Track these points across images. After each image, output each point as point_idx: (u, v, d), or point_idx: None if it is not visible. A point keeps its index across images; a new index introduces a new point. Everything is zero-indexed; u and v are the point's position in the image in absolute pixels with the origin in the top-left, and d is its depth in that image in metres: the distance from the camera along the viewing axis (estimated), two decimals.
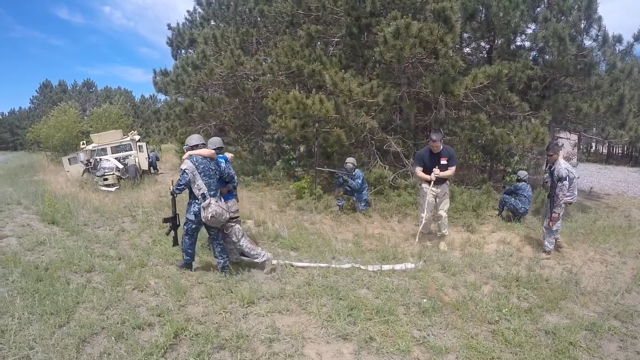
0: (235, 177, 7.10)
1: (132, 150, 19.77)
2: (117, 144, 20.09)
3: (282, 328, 4.74)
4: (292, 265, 6.78)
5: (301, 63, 12.84)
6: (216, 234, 6.44)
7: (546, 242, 7.85)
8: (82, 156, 19.05)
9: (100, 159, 18.37)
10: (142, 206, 11.86)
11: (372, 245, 8.24)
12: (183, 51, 23.09)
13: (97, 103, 56.07)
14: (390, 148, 12.62)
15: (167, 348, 4.29)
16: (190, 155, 6.27)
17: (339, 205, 11.37)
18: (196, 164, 6.16)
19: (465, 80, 11.57)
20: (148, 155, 21.08)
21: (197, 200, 6.24)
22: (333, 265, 6.74)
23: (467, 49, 16.46)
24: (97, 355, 4.21)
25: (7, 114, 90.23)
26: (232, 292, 5.66)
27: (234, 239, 6.68)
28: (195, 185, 6.14)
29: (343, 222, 10.18)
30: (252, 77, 16.87)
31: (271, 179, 15.83)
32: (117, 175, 17.46)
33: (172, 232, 6.72)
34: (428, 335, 4.65)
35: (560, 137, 16.81)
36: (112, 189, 16.11)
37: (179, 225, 6.74)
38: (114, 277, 6.20)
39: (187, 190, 6.36)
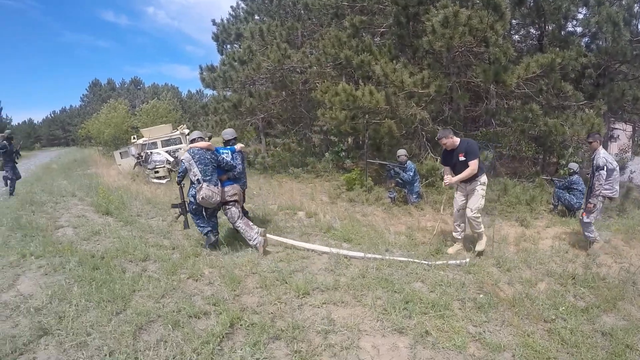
0: (239, 166, 7.86)
1: (181, 143, 20.15)
2: (167, 138, 20.54)
3: (338, 320, 4.67)
4: (346, 257, 6.67)
5: (350, 54, 12.69)
6: (212, 212, 7.41)
7: (587, 234, 7.54)
8: (133, 150, 19.59)
9: (151, 152, 18.83)
10: None
11: (424, 238, 8.07)
12: (229, 46, 23.28)
13: (145, 99, 57.10)
14: None
15: (223, 337, 4.29)
16: (190, 148, 7.23)
17: (391, 198, 11.21)
18: (192, 154, 7.08)
19: (517, 69, 11.21)
20: None
21: (194, 185, 7.12)
22: (387, 257, 6.62)
23: (517, 36, 15.96)
24: (154, 343, 4.24)
25: (58, 112, 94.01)
26: (286, 282, 5.63)
27: (231, 220, 7.43)
28: (192, 172, 7.03)
29: (395, 215, 10.03)
30: (299, 70, 16.85)
31: (320, 170, 15.86)
32: (168, 168, 17.91)
33: (182, 217, 7.70)
34: (484, 331, 4.49)
35: (616, 129, 16.16)
36: (163, 181, 16.56)
37: (188, 211, 7.54)
38: (168, 266, 6.28)
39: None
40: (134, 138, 21.29)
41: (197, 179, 6.96)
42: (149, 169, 17.94)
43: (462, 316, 4.79)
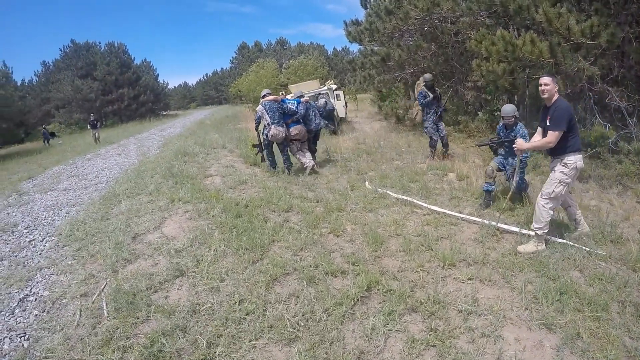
0: (301, 111, 9.94)
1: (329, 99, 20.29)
2: (315, 94, 20.76)
3: (482, 300, 4.11)
4: (498, 229, 5.87)
5: None
6: (283, 147, 9.80)
7: None
8: None
9: None
10: (340, 152, 12.14)
11: (587, 219, 7.00)
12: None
13: (291, 57, 58.52)
14: (612, 102, 10.36)
15: (357, 300, 4.04)
16: (263, 101, 9.56)
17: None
18: (264, 106, 9.43)
19: None
20: (345, 103, 21.56)
21: (266, 127, 9.46)
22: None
23: None
24: (286, 296, 4.15)
25: (210, 74, 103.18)
26: (431, 249, 5.17)
27: (291, 152, 10.02)
28: (264, 119, 9.40)
29: None
30: (449, 20, 15.64)
31: (473, 130, 14.75)
32: None
33: (260, 154, 10.25)
34: None
35: None
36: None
37: (264, 149, 9.99)
38: (310, 219, 6.19)
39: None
40: (282, 94, 21.84)
41: (268, 123, 9.32)
42: None
43: (620, 323, 3.84)
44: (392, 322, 3.74)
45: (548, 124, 5.18)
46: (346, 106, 23.01)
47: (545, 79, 5.25)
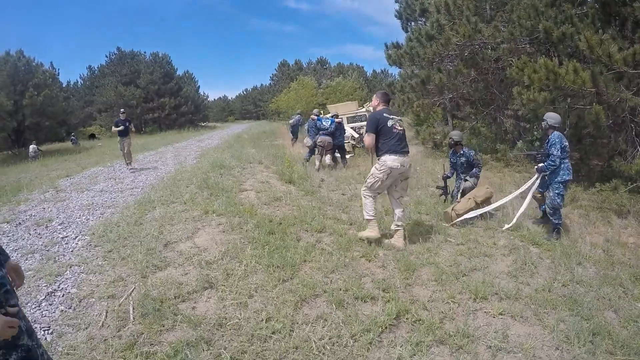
0: (331, 128, 13.81)
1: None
2: (353, 115, 20.88)
3: (512, 337, 3.98)
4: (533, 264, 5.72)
5: (549, 25, 10.98)
6: (311, 149, 14.46)
7: None
8: None
9: None
10: None
11: (624, 257, 6.52)
12: (413, 23, 22.67)
13: (331, 77, 58.98)
14: None
15: (385, 328, 3.97)
16: (310, 119, 13.89)
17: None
18: (308, 122, 13.05)
19: None
20: None
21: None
22: None
23: None
24: (314, 318, 4.11)
25: (250, 89, 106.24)
26: (464, 280, 5.07)
27: (319, 153, 13.87)
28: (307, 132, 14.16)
29: (592, 221, 8.54)
30: (490, 46, 15.46)
31: (511, 160, 14.56)
32: (352, 144, 18.20)
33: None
34: None
35: None
36: (347, 156, 16.77)
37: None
38: (343, 242, 6.14)
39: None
40: (321, 114, 22.10)
41: (308, 134, 14.36)
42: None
43: None
44: (419, 353, 3.67)
45: None
46: None
47: None
